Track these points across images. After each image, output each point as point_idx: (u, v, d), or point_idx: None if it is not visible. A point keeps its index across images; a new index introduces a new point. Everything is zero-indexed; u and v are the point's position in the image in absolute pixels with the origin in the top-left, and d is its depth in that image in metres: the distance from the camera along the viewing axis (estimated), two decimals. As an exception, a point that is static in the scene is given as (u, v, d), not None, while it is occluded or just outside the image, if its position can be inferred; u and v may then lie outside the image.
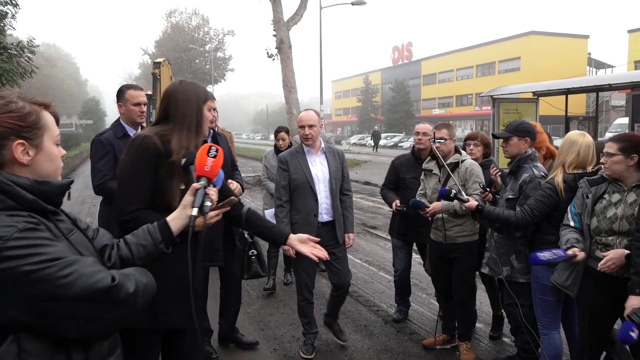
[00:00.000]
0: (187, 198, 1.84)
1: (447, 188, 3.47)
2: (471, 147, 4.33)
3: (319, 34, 22.59)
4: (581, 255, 2.80)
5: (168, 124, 2.23)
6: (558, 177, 3.12)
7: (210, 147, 1.88)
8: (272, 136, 6.84)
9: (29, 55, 14.21)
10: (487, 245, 3.68)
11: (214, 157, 1.88)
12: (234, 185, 3.83)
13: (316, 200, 3.88)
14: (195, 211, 1.79)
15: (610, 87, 11.40)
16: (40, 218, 1.37)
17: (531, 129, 3.45)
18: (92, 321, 1.31)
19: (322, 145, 3.98)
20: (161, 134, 2.18)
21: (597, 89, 12.25)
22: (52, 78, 53.80)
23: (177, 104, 2.24)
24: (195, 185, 1.84)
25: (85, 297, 1.28)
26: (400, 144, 44.74)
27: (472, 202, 3.33)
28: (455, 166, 3.84)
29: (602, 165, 2.90)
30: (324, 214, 3.93)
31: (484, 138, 4.42)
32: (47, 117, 1.46)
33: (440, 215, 3.88)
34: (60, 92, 52.92)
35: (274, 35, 13.05)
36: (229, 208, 2.01)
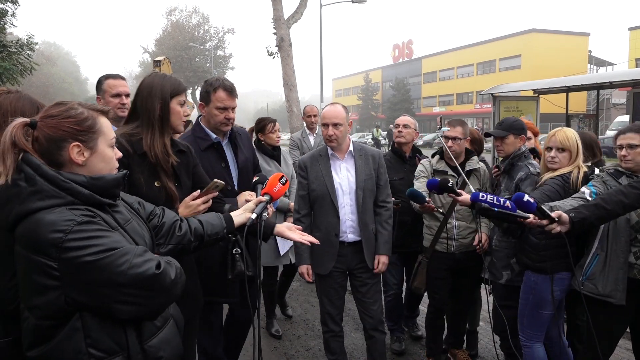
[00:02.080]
0: (251, 205, 2.18)
1: (440, 179, 2.98)
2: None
3: (319, 32, 22.58)
4: (531, 221, 2.51)
5: (136, 120, 2.27)
6: (578, 174, 2.92)
7: (282, 176, 2.28)
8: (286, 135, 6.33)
9: (28, 52, 14.22)
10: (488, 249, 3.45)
11: (283, 184, 2.27)
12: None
13: (338, 216, 3.19)
14: (254, 216, 2.13)
15: (611, 85, 11.38)
16: (96, 211, 1.53)
17: (525, 126, 3.37)
18: (140, 305, 1.49)
19: (351, 147, 3.27)
20: (129, 134, 2.23)
21: (598, 87, 12.22)
22: (52, 76, 53.82)
23: (141, 98, 2.26)
24: (260, 198, 2.21)
25: (136, 284, 1.45)
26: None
27: (466, 196, 2.79)
28: (471, 171, 3.55)
29: (623, 158, 2.73)
30: (349, 233, 3.22)
31: (469, 133, 3.87)
32: (104, 122, 1.62)
33: (456, 222, 3.53)
34: (61, 91, 52.88)
35: (274, 33, 13.02)
36: (216, 193, 2.36)
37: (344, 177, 3.22)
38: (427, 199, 3.30)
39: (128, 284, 1.44)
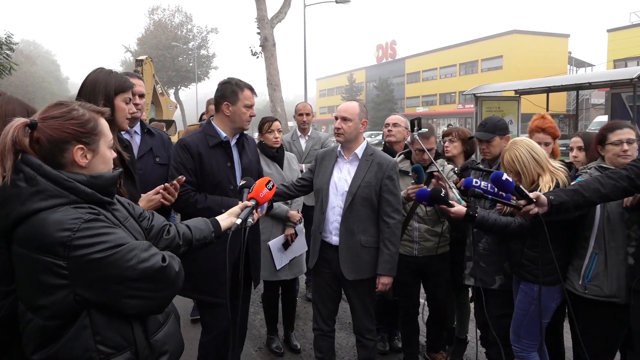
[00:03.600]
0: (236, 210, 2.19)
1: (430, 188, 2.84)
2: (446, 143, 3.87)
3: (303, 32, 22.59)
4: (529, 208, 2.45)
5: None
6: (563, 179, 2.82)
7: (269, 181, 2.29)
8: (256, 134, 5.62)
9: (7, 52, 13.96)
10: (468, 254, 3.34)
11: (270, 189, 2.27)
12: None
13: (324, 214, 3.16)
14: (239, 221, 2.12)
15: (590, 86, 11.58)
16: (99, 209, 1.54)
17: (507, 125, 3.33)
18: (147, 299, 1.52)
19: (361, 149, 3.15)
20: None
21: (578, 87, 12.43)
22: (32, 76, 52.86)
23: (84, 95, 2.23)
24: (246, 202, 2.21)
25: (145, 278, 1.48)
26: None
27: (460, 208, 2.66)
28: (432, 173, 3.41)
29: (624, 153, 2.69)
30: (334, 235, 3.15)
31: (460, 133, 3.87)
32: (103, 124, 1.63)
33: (416, 224, 3.46)
34: (41, 90, 51.98)
35: (258, 33, 12.97)
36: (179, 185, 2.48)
37: (342, 177, 3.15)
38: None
39: (137, 279, 1.47)
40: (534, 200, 2.45)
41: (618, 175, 2.51)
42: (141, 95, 2.97)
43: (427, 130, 3.34)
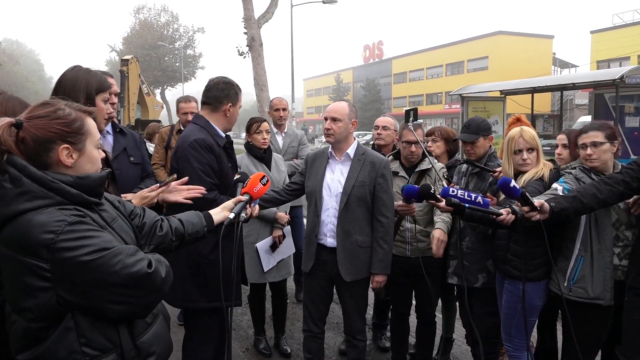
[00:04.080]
0: (230, 204, 2.18)
1: (420, 185, 2.91)
2: (429, 143, 3.85)
3: (290, 32, 22.56)
4: (509, 218, 2.51)
5: None
6: (549, 173, 2.92)
7: (264, 176, 2.28)
8: (243, 134, 5.70)
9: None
10: (452, 252, 3.35)
11: (264, 185, 2.26)
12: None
13: (319, 216, 3.13)
14: (232, 215, 2.11)
15: (574, 86, 11.72)
16: (85, 210, 1.53)
17: (491, 125, 3.36)
18: (131, 304, 1.50)
19: (352, 150, 3.15)
20: None
21: (562, 88, 12.58)
22: (15, 75, 52.18)
23: (63, 92, 2.18)
24: (240, 197, 2.20)
25: (129, 284, 1.46)
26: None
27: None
28: (424, 172, 3.45)
29: (589, 157, 2.72)
30: (329, 237, 3.12)
31: (443, 132, 3.87)
32: (90, 123, 1.61)
33: (408, 225, 3.41)
34: (24, 90, 51.23)
35: (245, 33, 12.94)
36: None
37: (335, 178, 3.12)
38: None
39: (121, 284, 1.45)
40: (538, 208, 2.47)
41: (614, 180, 2.56)
42: (116, 94, 2.90)
43: (422, 121, 3.36)
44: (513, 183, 2.49)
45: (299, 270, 3.67)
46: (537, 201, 2.49)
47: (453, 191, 2.55)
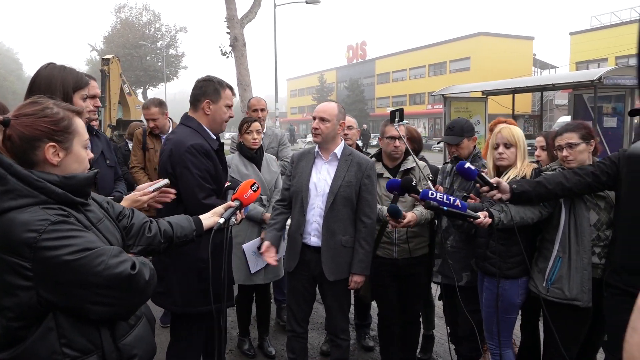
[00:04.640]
0: (220, 209, 2.20)
1: (403, 178, 2.88)
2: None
3: (273, 32, 22.49)
4: (487, 221, 2.56)
5: None
6: (531, 173, 2.90)
7: (254, 183, 2.29)
8: (235, 133, 5.39)
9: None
10: (437, 251, 3.39)
11: (254, 191, 2.27)
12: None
13: (304, 215, 3.12)
14: (222, 221, 2.13)
15: (554, 87, 11.92)
16: (70, 210, 1.52)
17: (474, 126, 3.41)
18: (113, 305, 1.49)
19: (339, 150, 3.15)
20: None
21: (542, 89, 12.77)
22: (-8, 74, 51.15)
23: (38, 92, 2.11)
24: (230, 203, 2.23)
25: (111, 285, 1.45)
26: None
27: None
28: (408, 171, 3.42)
29: (565, 158, 2.75)
30: (313, 236, 3.12)
31: (407, 132, 3.68)
32: (78, 123, 1.61)
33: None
34: (2, 89, 50.36)
35: (228, 33, 12.87)
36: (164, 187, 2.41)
37: (321, 178, 3.12)
38: (403, 214, 3.02)
39: (103, 285, 1.44)
40: (495, 185, 2.56)
41: (584, 171, 2.64)
42: (97, 97, 2.80)
43: (407, 122, 3.39)
44: (468, 164, 2.57)
45: None
46: (494, 179, 2.58)
47: (432, 194, 2.56)
